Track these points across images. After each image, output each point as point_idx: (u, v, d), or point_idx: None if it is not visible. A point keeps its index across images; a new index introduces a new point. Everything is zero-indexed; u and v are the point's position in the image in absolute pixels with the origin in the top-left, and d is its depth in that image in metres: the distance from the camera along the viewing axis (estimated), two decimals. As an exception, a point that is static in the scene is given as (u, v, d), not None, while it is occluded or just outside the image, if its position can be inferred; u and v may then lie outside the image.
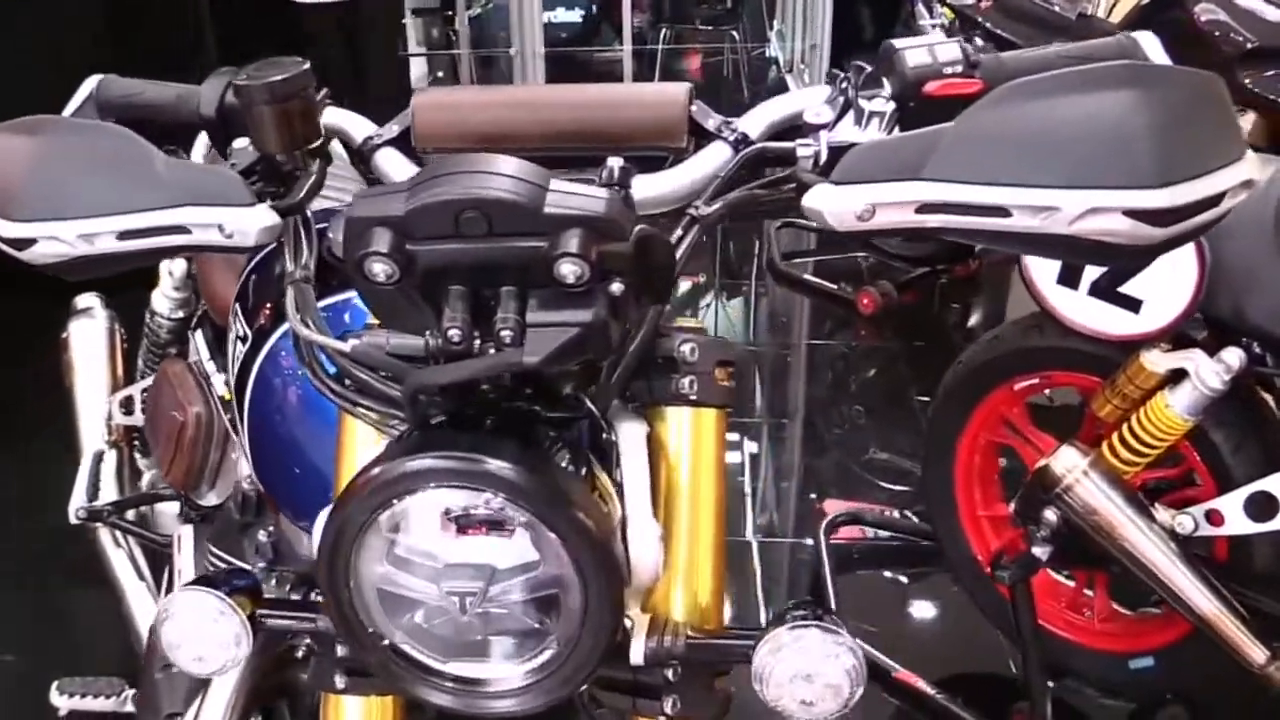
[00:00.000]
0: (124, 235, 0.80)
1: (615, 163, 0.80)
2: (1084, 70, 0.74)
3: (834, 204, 0.74)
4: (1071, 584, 1.94)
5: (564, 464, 0.69)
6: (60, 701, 1.33)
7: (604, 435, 0.74)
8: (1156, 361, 1.56)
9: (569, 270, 0.64)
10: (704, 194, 0.80)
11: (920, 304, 3.56)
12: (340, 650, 0.76)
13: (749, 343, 3.67)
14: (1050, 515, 1.67)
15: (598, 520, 0.66)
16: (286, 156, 0.81)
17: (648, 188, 0.82)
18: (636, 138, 0.85)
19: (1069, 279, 1.63)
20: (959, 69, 0.83)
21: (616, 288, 0.66)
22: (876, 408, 3.19)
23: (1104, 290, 1.59)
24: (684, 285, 4.40)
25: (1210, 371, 1.51)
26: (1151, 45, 0.86)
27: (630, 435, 0.74)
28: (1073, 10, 2.93)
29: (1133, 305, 1.56)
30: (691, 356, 0.76)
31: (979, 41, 0.86)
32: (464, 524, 0.67)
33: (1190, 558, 1.58)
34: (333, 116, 0.91)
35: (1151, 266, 1.52)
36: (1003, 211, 0.73)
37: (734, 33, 7.10)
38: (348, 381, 0.78)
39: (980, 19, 3.10)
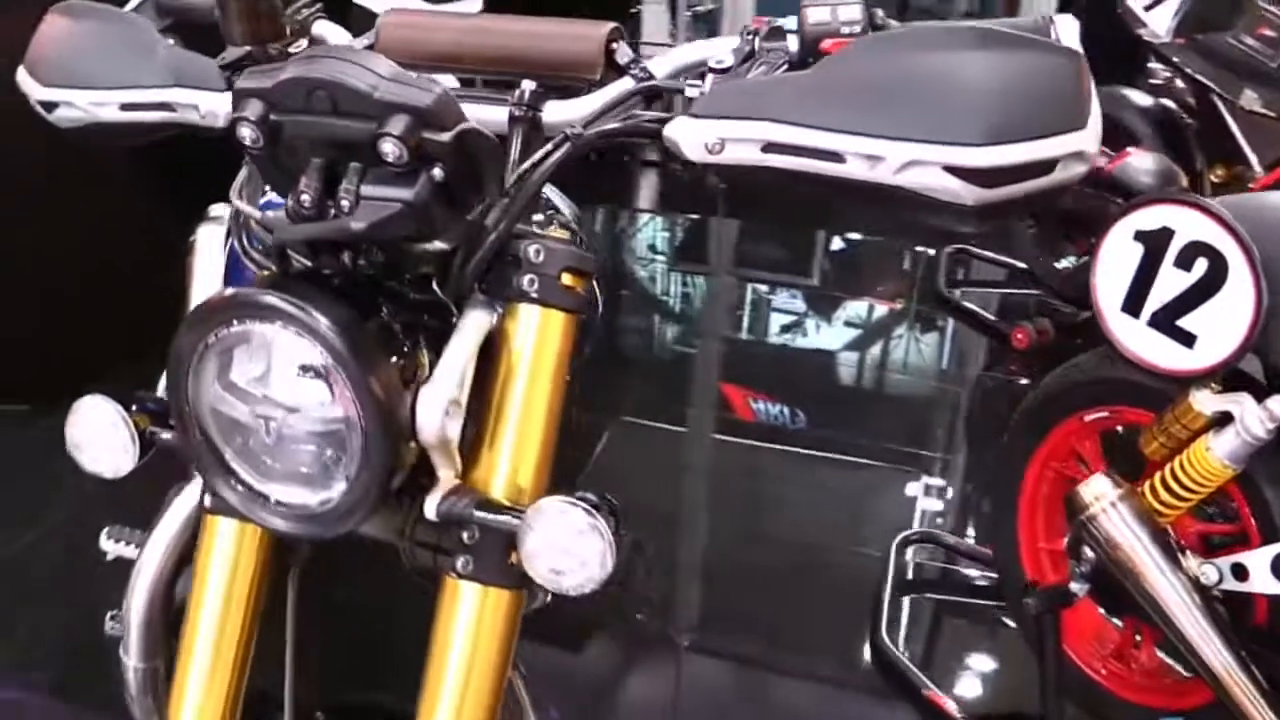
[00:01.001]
0: (125, 107, 0.96)
1: (528, 85, 0.89)
2: (936, 29, 0.77)
3: (688, 135, 0.80)
4: (1120, 631, 1.86)
5: (383, 329, 0.78)
6: (108, 546, 1.48)
7: (450, 320, 0.82)
8: (1204, 402, 1.49)
9: (390, 149, 0.73)
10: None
11: (1077, 346, 3.43)
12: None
13: (942, 375, 3.65)
14: (1089, 551, 1.62)
15: (385, 376, 0.74)
16: (258, 50, 0.94)
17: (555, 112, 0.90)
18: (558, 67, 0.93)
19: (1132, 306, 1.58)
20: (857, 30, 0.86)
21: (437, 173, 0.74)
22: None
23: (1162, 322, 1.53)
24: (880, 310, 4.40)
25: (1255, 418, 1.43)
26: (1066, 27, 0.86)
27: (471, 322, 0.82)
28: (1274, 58, 2.77)
29: (1188, 340, 1.50)
30: (536, 258, 0.82)
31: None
32: (280, 360, 0.76)
33: (1213, 612, 1.50)
34: (321, 27, 1.03)
35: (1210, 302, 1.47)
36: (837, 157, 0.77)
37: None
38: (260, 246, 0.90)
39: (1175, 58, 2.97)
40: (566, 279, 0.84)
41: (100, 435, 0.87)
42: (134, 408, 0.88)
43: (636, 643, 2.29)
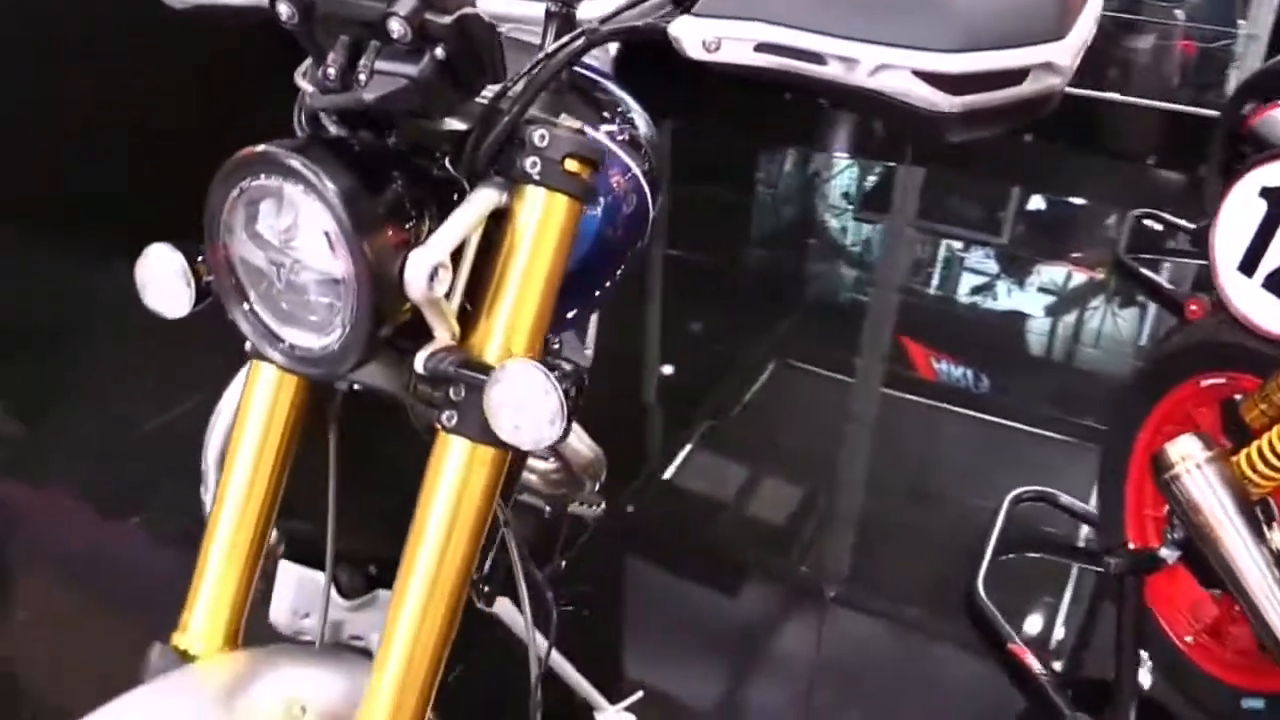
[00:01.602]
0: None
1: None
2: None
3: (688, 33, 0.85)
4: (1218, 606, 1.79)
5: (393, 198, 0.86)
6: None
7: (462, 196, 0.90)
8: (1308, 370, 1.42)
9: (395, 27, 0.80)
10: None
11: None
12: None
13: (1138, 351, 3.52)
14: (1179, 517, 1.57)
15: (379, 238, 0.82)
16: None
17: (587, 9, 0.96)
18: None
19: (1248, 265, 1.51)
20: None
21: (439, 52, 0.81)
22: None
23: (1276, 283, 1.46)
24: (1078, 278, 4.26)
25: (1357, 391, 1.36)
26: None
27: (476, 197, 0.89)
28: None
29: (1298, 303, 1.43)
30: (540, 143, 0.88)
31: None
32: (294, 215, 0.85)
33: (1292, 588, 1.44)
34: None
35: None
36: (819, 59, 0.80)
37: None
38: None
39: None
40: (571, 165, 0.90)
41: (162, 279, 0.98)
42: (199, 259, 1.00)
43: (785, 591, 2.35)
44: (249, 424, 1.01)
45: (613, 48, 1.16)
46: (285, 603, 1.33)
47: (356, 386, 1.01)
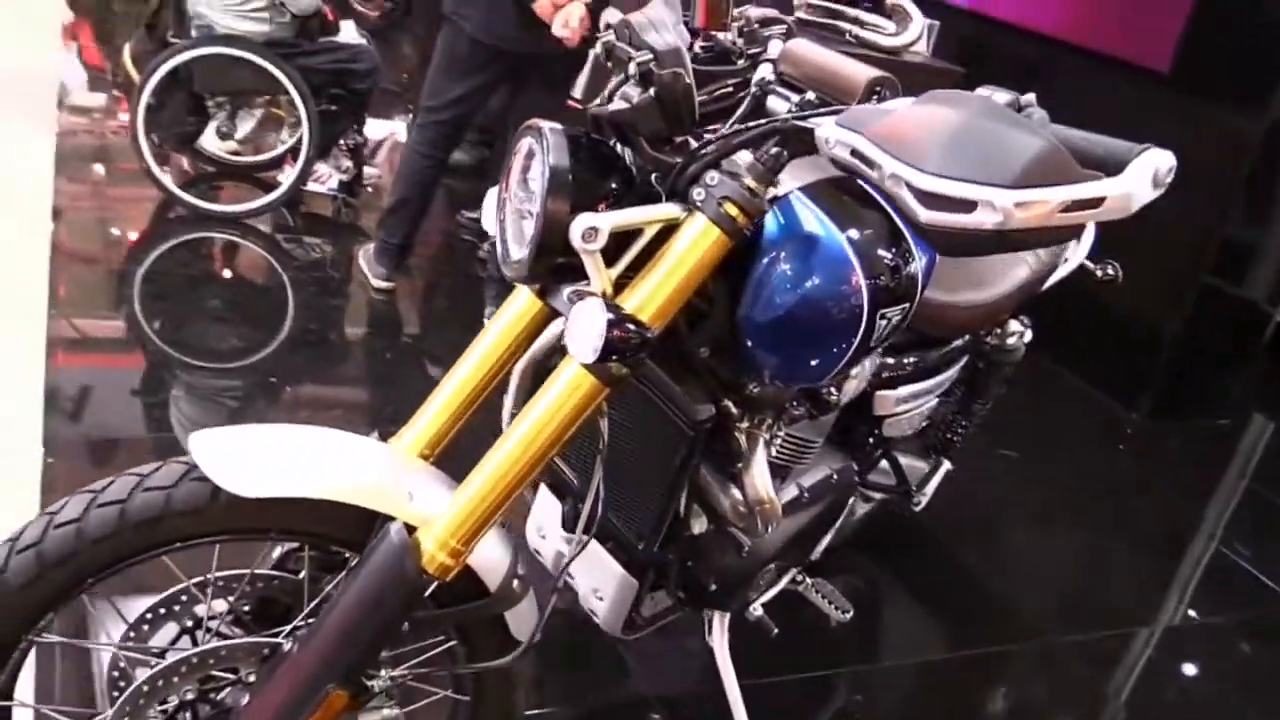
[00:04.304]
0: None
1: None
2: (969, 96, 1.01)
3: (823, 132, 1.12)
4: None
5: (588, 178, 1.22)
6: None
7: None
8: None
9: (631, 69, 1.20)
10: None
11: None
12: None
13: None
14: None
15: (561, 192, 1.19)
16: None
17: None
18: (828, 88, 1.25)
19: None
20: None
21: (651, 92, 1.19)
22: None
23: None
24: None
25: None
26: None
27: (657, 206, 1.22)
28: None
29: None
30: (711, 181, 1.20)
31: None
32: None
33: None
34: None
35: None
36: (871, 164, 1.04)
37: None
38: None
39: None
40: (730, 208, 1.19)
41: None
42: None
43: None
44: (501, 321, 1.42)
45: None
46: (535, 520, 1.76)
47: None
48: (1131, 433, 3.65)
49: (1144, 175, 0.95)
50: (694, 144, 1.25)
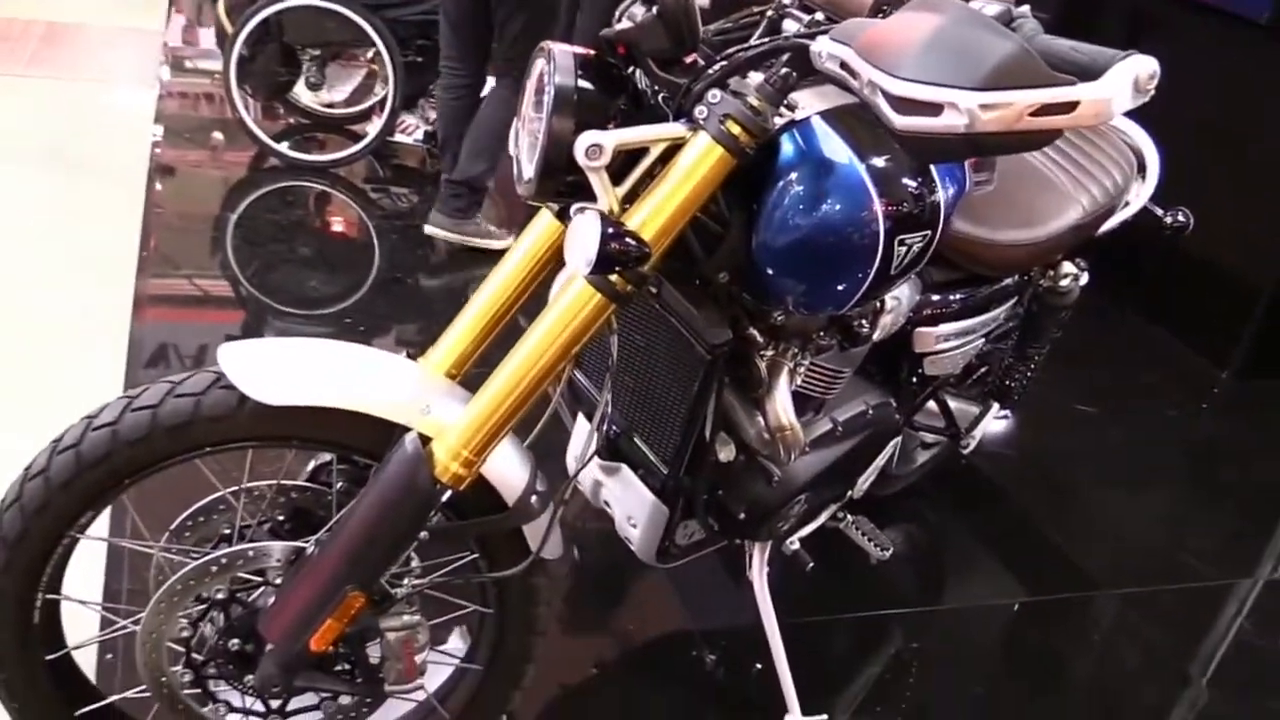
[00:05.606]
0: None
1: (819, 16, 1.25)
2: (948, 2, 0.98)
3: (816, 46, 1.11)
4: None
5: (595, 98, 1.24)
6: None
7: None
8: None
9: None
10: None
11: None
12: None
13: None
14: None
15: (566, 110, 1.21)
16: None
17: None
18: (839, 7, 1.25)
19: None
20: None
21: (655, 10, 1.19)
22: None
23: None
24: None
25: None
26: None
27: (662, 126, 1.23)
28: None
29: None
30: (713, 99, 1.20)
31: None
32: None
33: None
34: None
35: None
36: (853, 73, 1.04)
37: None
38: None
39: None
40: (732, 126, 1.19)
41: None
42: None
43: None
44: (524, 243, 1.46)
45: None
46: (573, 448, 1.80)
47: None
48: (1218, 391, 3.53)
49: (1123, 81, 0.93)
50: (703, 64, 1.25)
